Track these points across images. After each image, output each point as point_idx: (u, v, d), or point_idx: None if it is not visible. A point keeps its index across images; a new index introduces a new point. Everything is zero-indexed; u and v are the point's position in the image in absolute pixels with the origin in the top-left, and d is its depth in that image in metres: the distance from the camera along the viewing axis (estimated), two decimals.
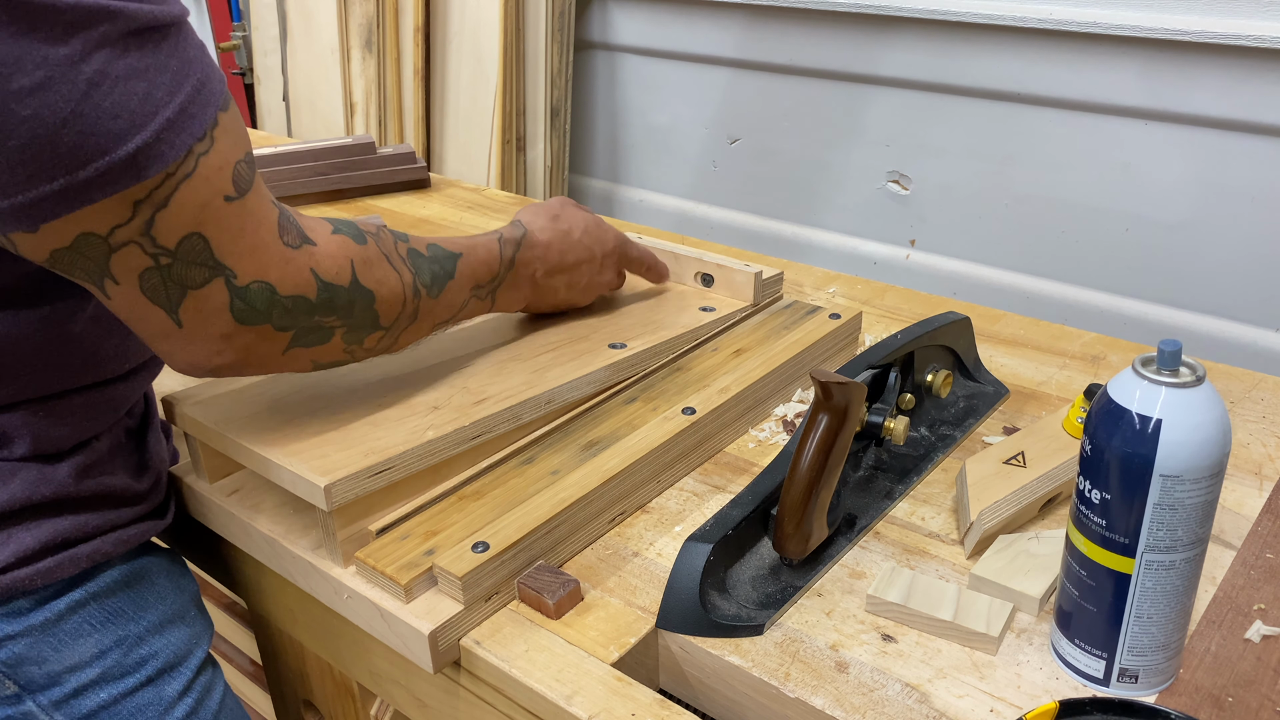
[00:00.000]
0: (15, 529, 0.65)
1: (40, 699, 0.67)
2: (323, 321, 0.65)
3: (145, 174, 0.53)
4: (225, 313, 0.60)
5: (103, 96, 0.51)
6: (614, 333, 0.87)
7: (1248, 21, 1.16)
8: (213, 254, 0.58)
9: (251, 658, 1.29)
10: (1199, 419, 0.51)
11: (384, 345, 0.71)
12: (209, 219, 0.57)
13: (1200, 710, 0.57)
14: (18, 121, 0.50)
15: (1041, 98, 1.35)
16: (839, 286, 1.11)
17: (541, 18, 1.73)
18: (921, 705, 0.58)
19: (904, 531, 0.72)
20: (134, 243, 0.56)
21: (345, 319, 0.66)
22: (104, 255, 0.56)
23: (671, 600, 0.65)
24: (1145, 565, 0.54)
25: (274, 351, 0.64)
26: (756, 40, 1.60)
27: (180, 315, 0.60)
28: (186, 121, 0.54)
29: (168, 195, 0.55)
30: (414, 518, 0.70)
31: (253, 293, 0.61)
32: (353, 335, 0.68)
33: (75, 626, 0.68)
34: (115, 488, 0.71)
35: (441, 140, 1.87)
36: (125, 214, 0.54)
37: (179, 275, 0.58)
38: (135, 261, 0.57)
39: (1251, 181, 1.23)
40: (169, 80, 0.54)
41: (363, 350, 0.70)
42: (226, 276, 0.59)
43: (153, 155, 0.53)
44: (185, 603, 0.76)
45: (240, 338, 0.62)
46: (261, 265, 0.61)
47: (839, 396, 0.64)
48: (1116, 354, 0.96)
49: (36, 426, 0.66)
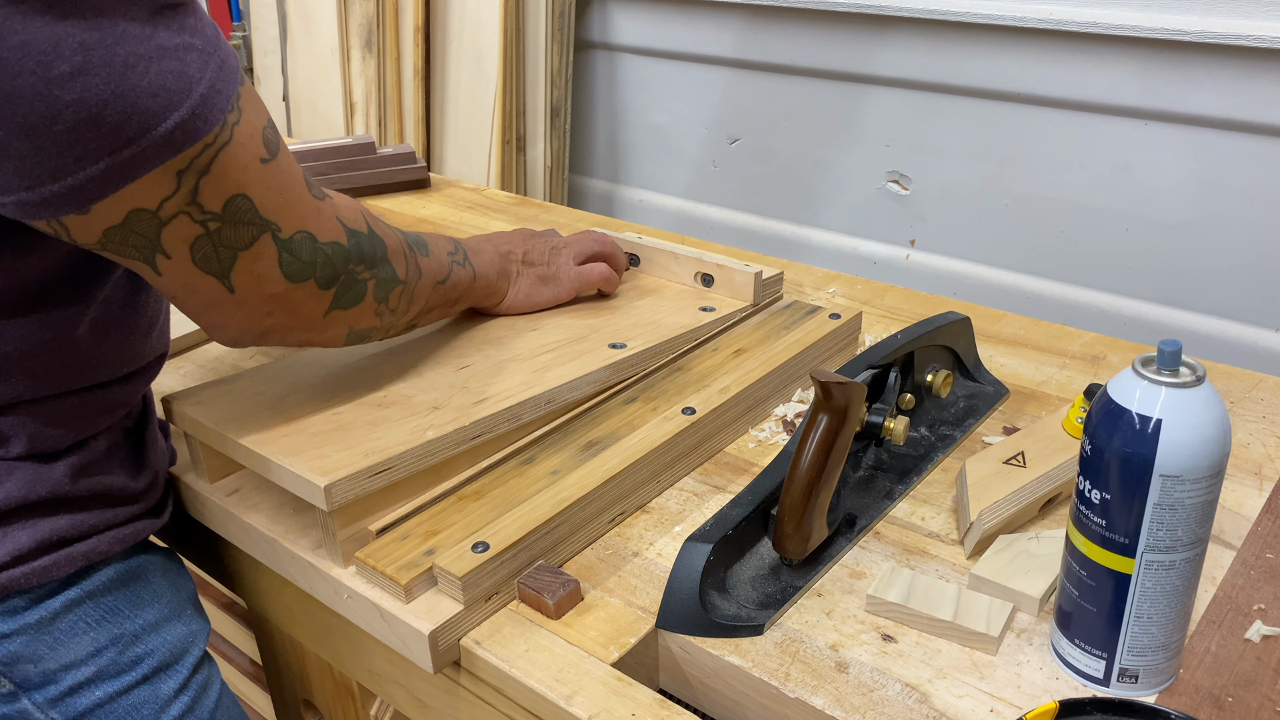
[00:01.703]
0: (11, 528, 0.65)
1: (36, 697, 0.67)
2: (357, 271, 0.68)
3: (184, 146, 0.55)
4: (275, 269, 0.63)
5: (139, 76, 0.53)
6: (614, 333, 0.87)
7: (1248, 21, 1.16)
8: (258, 212, 0.61)
9: (251, 658, 1.29)
10: (1199, 419, 0.51)
11: (403, 304, 0.74)
12: (249, 180, 0.60)
13: (1200, 710, 0.57)
14: (62, 106, 0.51)
15: (1041, 98, 1.35)
16: (839, 286, 1.11)
17: (541, 18, 1.73)
18: (921, 705, 0.58)
19: (904, 531, 0.72)
20: (183, 213, 0.58)
21: (372, 269, 0.70)
22: (155, 230, 0.58)
23: (671, 600, 0.65)
24: (1145, 565, 0.54)
25: (317, 312, 0.67)
26: (756, 40, 1.60)
27: (233, 280, 0.62)
28: (216, 96, 0.56)
29: (208, 163, 0.57)
30: (414, 518, 0.70)
31: (297, 243, 0.64)
32: (381, 289, 0.71)
33: (71, 625, 0.68)
34: (112, 487, 0.71)
35: (441, 140, 1.87)
36: (171, 185, 0.56)
37: (228, 238, 0.60)
38: (186, 231, 0.59)
39: (1251, 181, 1.23)
40: (197, 58, 0.55)
41: (389, 311, 0.73)
42: (272, 231, 0.62)
43: (190, 130, 0.55)
44: (182, 601, 0.76)
45: (289, 296, 0.65)
46: (300, 216, 0.64)
47: (839, 396, 0.64)
48: (1116, 354, 0.96)
49: (33, 427, 0.66)
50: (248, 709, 1.27)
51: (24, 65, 0.50)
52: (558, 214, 1.38)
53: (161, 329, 0.76)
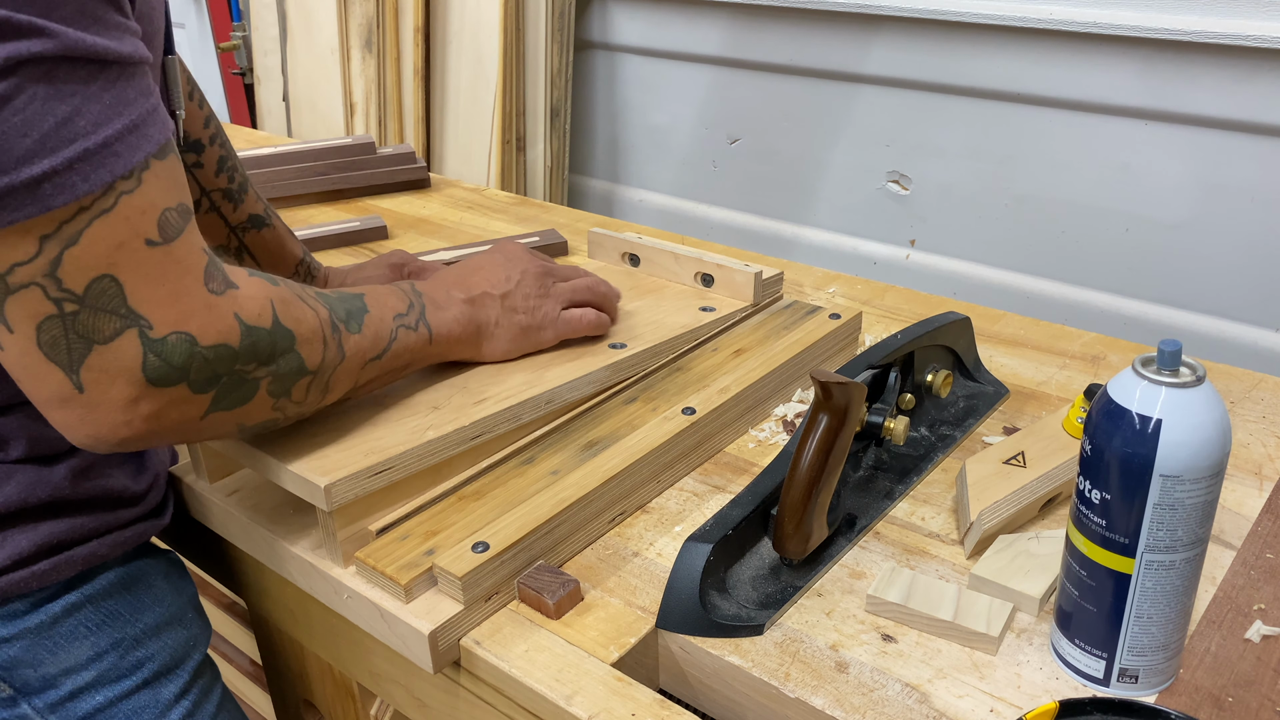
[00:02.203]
0: (11, 531, 0.65)
1: (36, 702, 0.67)
2: (246, 371, 0.59)
3: (52, 202, 0.49)
4: (135, 372, 0.54)
5: (12, 113, 0.48)
6: (614, 333, 0.87)
7: (1248, 21, 1.16)
8: (125, 300, 0.53)
9: (251, 658, 1.29)
10: (1199, 419, 0.51)
11: (315, 394, 0.66)
12: (124, 261, 0.52)
13: (1200, 710, 0.57)
14: None
15: (1041, 98, 1.35)
16: (839, 286, 1.11)
17: (541, 18, 1.73)
18: (921, 705, 0.58)
19: (904, 531, 0.72)
20: (36, 284, 0.51)
21: (269, 365, 0.61)
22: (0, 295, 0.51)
23: (671, 600, 0.65)
24: (1145, 565, 0.54)
25: (192, 417, 0.58)
26: (757, 40, 1.60)
27: (81, 376, 0.53)
28: (108, 157, 0.51)
29: (79, 231, 0.50)
30: (414, 518, 0.70)
31: (169, 345, 0.55)
32: (279, 384, 0.62)
33: (71, 629, 0.68)
34: (113, 489, 0.70)
35: (441, 140, 1.87)
36: (29, 250, 0.50)
37: (85, 326, 0.52)
38: (35, 307, 0.51)
39: (1251, 181, 1.23)
40: (97, 112, 0.50)
41: (292, 404, 0.65)
42: (140, 327, 0.54)
43: (62, 184, 0.49)
44: (183, 605, 0.76)
45: (150, 402, 0.55)
46: (182, 314, 0.55)
47: (839, 396, 0.64)
48: (1116, 354, 0.96)
49: (33, 429, 0.66)
50: (248, 709, 1.27)
51: None
52: (558, 214, 1.38)
53: None
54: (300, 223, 1.34)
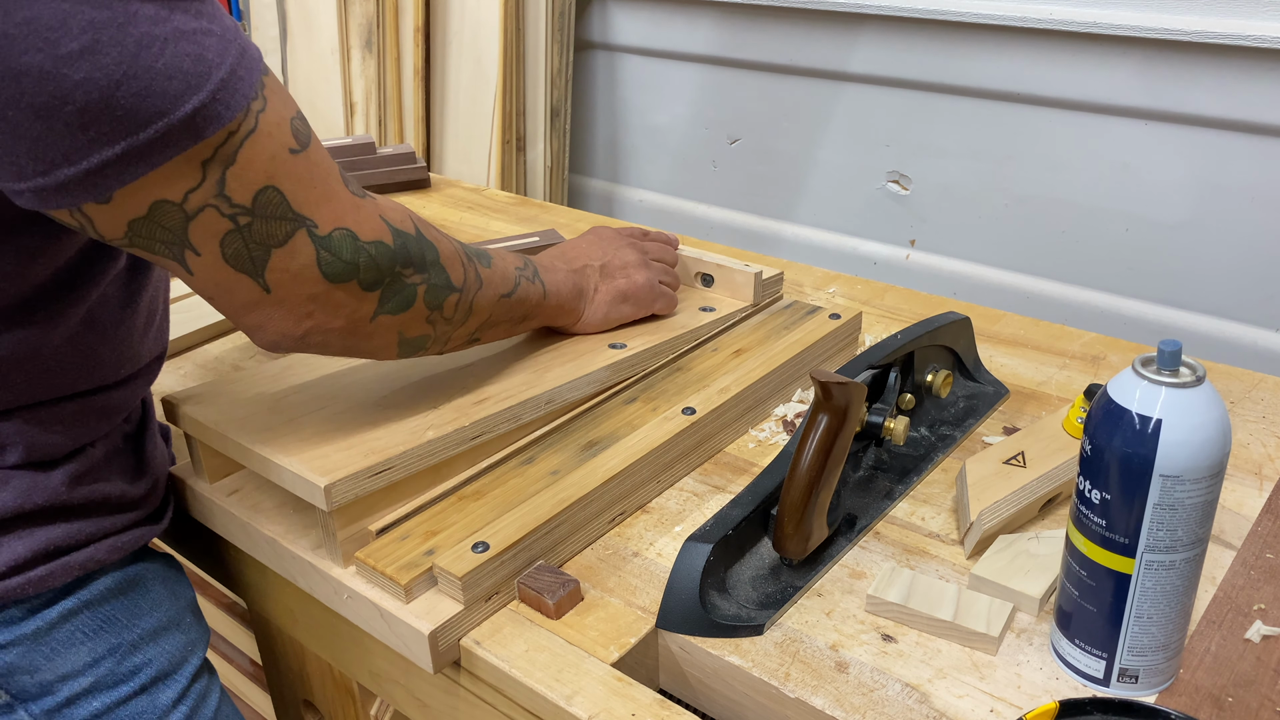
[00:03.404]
0: (7, 537, 0.64)
1: (33, 708, 0.67)
2: (404, 274, 0.65)
3: (206, 133, 0.53)
4: (313, 268, 0.60)
5: (154, 58, 0.51)
6: (614, 333, 0.87)
7: (1248, 21, 1.16)
8: (290, 206, 0.58)
9: (251, 658, 1.29)
10: (1199, 419, 0.51)
11: (461, 314, 0.70)
12: (279, 171, 0.57)
13: (1200, 710, 0.57)
14: (71, 85, 0.50)
15: (1041, 98, 1.35)
16: (839, 286, 1.11)
17: (541, 18, 1.73)
18: (921, 705, 0.58)
19: (904, 531, 0.72)
20: (210, 206, 0.56)
21: (422, 272, 0.66)
22: (182, 223, 0.56)
23: (671, 600, 0.65)
24: (1145, 565, 0.54)
25: (364, 315, 0.64)
26: (756, 40, 1.60)
27: (268, 278, 0.59)
28: (237, 82, 0.54)
29: (233, 151, 0.55)
30: (414, 518, 0.70)
31: (336, 240, 0.60)
32: (433, 295, 0.67)
33: (68, 635, 0.68)
34: (110, 494, 0.70)
35: (441, 140, 1.87)
36: (196, 176, 0.54)
37: (260, 233, 0.58)
38: (215, 226, 0.56)
39: (1251, 181, 1.23)
40: (216, 43, 0.54)
41: (443, 320, 0.69)
42: (308, 227, 0.59)
43: (211, 115, 0.53)
44: (180, 610, 0.76)
45: (330, 296, 0.62)
46: (338, 212, 0.61)
47: (839, 396, 0.64)
48: (1116, 354, 0.96)
49: (30, 434, 0.65)
50: (247, 709, 1.27)
51: (30, 42, 0.49)
52: (558, 214, 1.38)
53: (159, 328, 0.75)
54: None
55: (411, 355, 0.70)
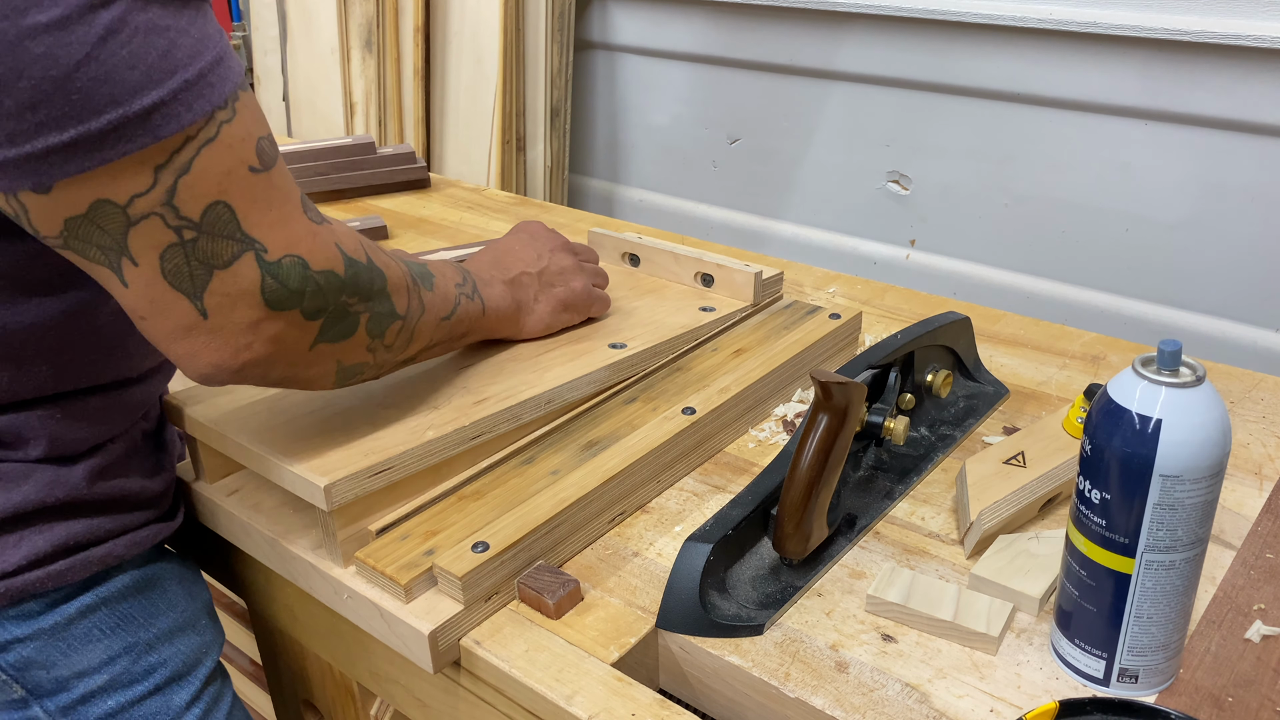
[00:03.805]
0: (27, 531, 0.65)
1: (48, 705, 0.67)
2: (349, 304, 0.62)
3: (162, 132, 0.51)
4: (255, 294, 0.57)
5: (120, 45, 0.50)
6: (614, 333, 0.87)
7: (1248, 21, 1.16)
8: (240, 225, 0.56)
9: (251, 658, 1.29)
10: (1199, 419, 0.51)
11: (401, 341, 0.68)
12: (234, 187, 0.55)
13: (1200, 710, 0.57)
14: (30, 59, 0.48)
15: (1041, 98, 1.35)
16: (839, 286, 1.11)
17: (541, 18, 1.73)
18: (921, 705, 0.58)
19: (904, 531, 0.72)
20: (155, 214, 0.53)
21: (367, 302, 0.64)
22: (122, 229, 0.53)
23: (671, 600, 0.65)
24: (1145, 565, 0.54)
25: (302, 345, 0.61)
26: (756, 40, 1.60)
27: (205, 302, 0.56)
28: (206, 88, 0.53)
29: (189, 160, 0.53)
30: (414, 518, 0.70)
31: (285, 268, 0.58)
32: (375, 324, 0.65)
33: (85, 631, 0.68)
34: (130, 490, 0.70)
35: (441, 140, 1.87)
36: (145, 181, 0.52)
37: (205, 252, 0.55)
38: (157, 236, 0.54)
39: (1251, 181, 1.23)
40: (190, 44, 0.52)
41: (383, 348, 0.67)
42: (256, 251, 0.56)
43: (169, 114, 0.51)
44: (197, 610, 0.76)
45: (269, 326, 0.58)
46: (292, 238, 0.58)
47: (839, 396, 0.64)
48: (1116, 354, 0.96)
49: (54, 428, 0.65)
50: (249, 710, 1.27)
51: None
52: (558, 214, 1.38)
53: None
54: None
55: (347, 384, 0.67)
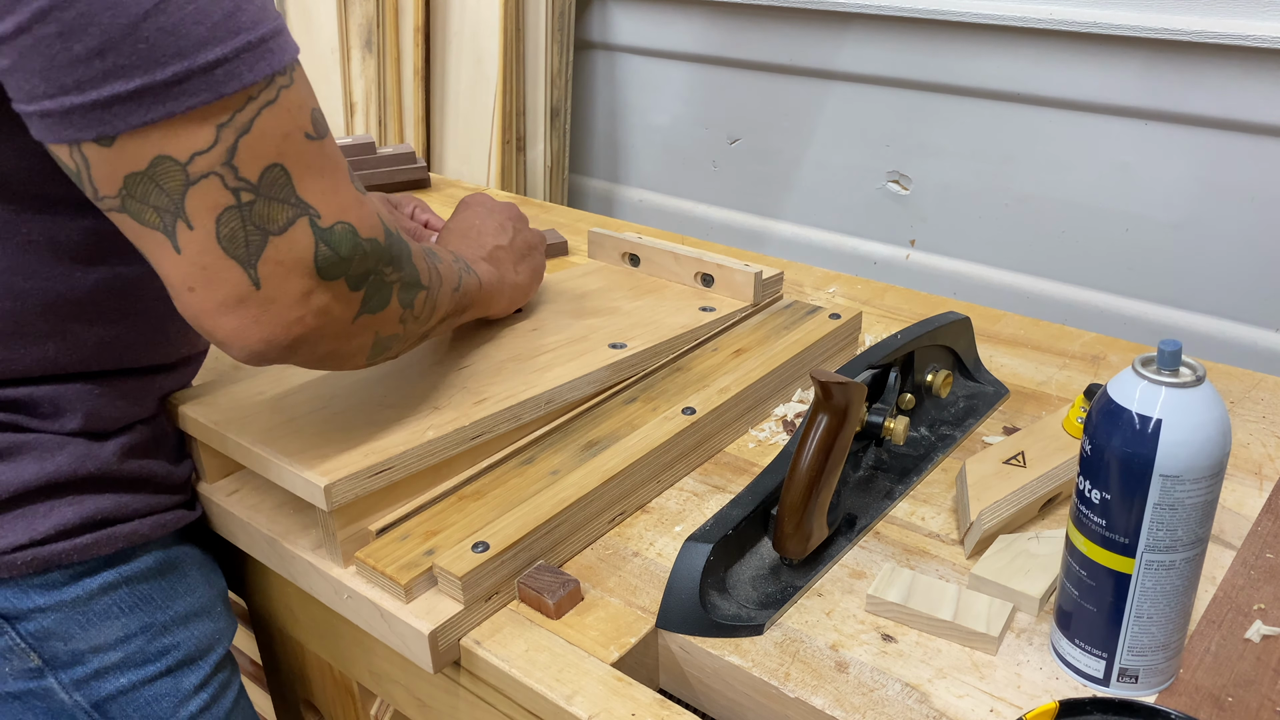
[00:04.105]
0: (58, 502, 0.66)
1: (62, 676, 0.68)
2: (386, 273, 0.63)
3: (225, 89, 0.52)
4: (308, 262, 0.57)
5: (187, 1, 0.50)
6: (614, 333, 0.87)
7: (1248, 21, 1.16)
8: (294, 190, 0.56)
9: (251, 658, 1.29)
10: (1199, 419, 0.51)
11: (426, 311, 0.69)
12: (291, 151, 0.55)
13: (1200, 710, 0.57)
14: (101, 7, 0.49)
15: (1041, 98, 1.35)
16: (839, 286, 1.11)
17: (541, 18, 1.73)
18: (921, 705, 0.58)
19: (904, 531, 0.72)
20: (215, 173, 0.53)
21: (399, 271, 0.64)
22: (181, 188, 0.53)
23: (671, 600, 0.65)
24: (1145, 565, 0.54)
25: (346, 317, 0.61)
26: (756, 40, 1.60)
27: (259, 270, 0.56)
28: (266, 52, 0.53)
29: (250, 120, 0.53)
30: (414, 518, 0.70)
31: (337, 234, 0.58)
32: (406, 294, 0.65)
33: (105, 607, 0.69)
34: (156, 473, 0.72)
35: (441, 140, 1.87)
36: (207, 138, 0.52)
37: (261, 216, 0.55)
38: (215, 198, 0.54)
39: (1251, 181, 1.23)
40: (254, 11, 0.53)
41: (413, 318, 0.67)
42: (311, 216, 0.57)
43: (232, 71, 0.52)
44: (213, 598, 0.77)
45: (318, 297, 0.58)
46: (343, 205, 0.59)
47: (839, 396, 0.64)
48: (1116, 354, 0.96)
49: (91, 403, 0.67)
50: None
51: None
52: (558, 214, 1.38)
53: None
54: None
55: (377, 359, 0.68)
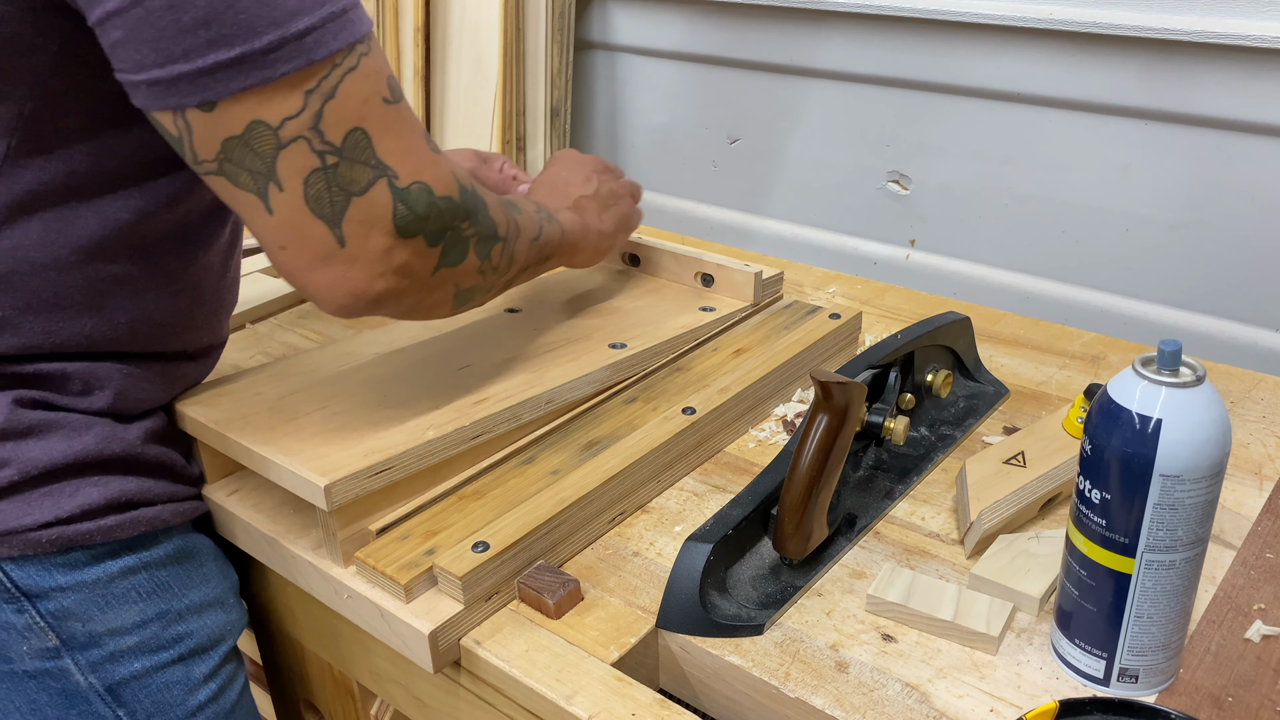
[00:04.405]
0: (83, 482, 0.67)
1: (79, 658, 0.68)
2: (462, 228, 0.66)
3: (314, 55, 0.56)
4: (388, 221, 0.61)
5: None
6: (614, 333, 0.87)
7: (1248, 21, 1.16)
8: (374, 152, 0.60)
9: (251, 658, 1.29)
10: (1199, 419, 0.51)
11: (504, 262, 0.72)
12: (371, 115, 0.59)
13: (1200, 710, 0.57)
14: None
15: (1041, 98, 1.35)
16: (839, 286, 1.11)
17: (541, 18, 1.73)
18: (921, 705, 0.58)
19: (904, 531, 0.72)
20: (303, 137, 0.57)
21: (475, 226, 0.67)
22: (272, 151, 0.57)
23: (671, 600, 0.65)
24: (1145, 565, 0.54)
25: (426, 271, 0.64)
26: (756, 40, 1.60)
27: (344, 229, 0.60)
28: (348, 22, 0.57)
29: (334, 85, 0.57)
30: (414, 518, 0.70)
31: (413, 194, 0.62)
32: (482, 246, 0.68)
33: (124, 591, 0.69)
34: (175, 462, 0.73)
35: (441, 140, 1.87)
36: (296, 103, 0.56)
37: (344, 177, 0.59)
38: (303, 160, 0.58)
39: (1251, 181, 1.23)
40: None
41: (490, 269, 0.70)
42: (389, 177, 0.61)
43: (320, 39, 0.56)
44: (226, 589, 0.78)
45: (399, 254, 0.62)
46: (418, 165, 0.62)
47: (839, 396, 0.64)
48: (1116, 354, 0.96)
49: (120, 382, 0.68)
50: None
51: None
52: None
53: (229, 312, 0.79)
54: None
55: (461, 309, 0.71)
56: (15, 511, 0.65)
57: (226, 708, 0.76)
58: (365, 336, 0.86)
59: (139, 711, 0.71)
